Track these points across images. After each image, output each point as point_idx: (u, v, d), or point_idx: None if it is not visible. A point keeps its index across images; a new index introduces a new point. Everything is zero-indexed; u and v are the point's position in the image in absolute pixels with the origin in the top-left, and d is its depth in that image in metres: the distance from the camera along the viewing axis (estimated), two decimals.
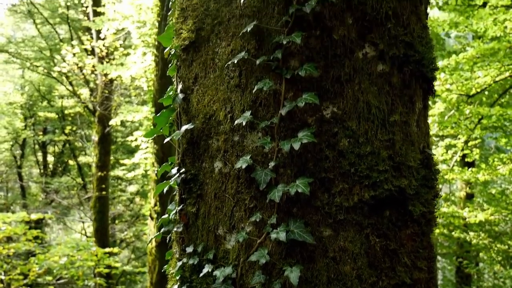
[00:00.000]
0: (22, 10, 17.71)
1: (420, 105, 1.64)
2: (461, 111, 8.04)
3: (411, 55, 1.55)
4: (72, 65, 13.04)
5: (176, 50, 1.71)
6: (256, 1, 1.52)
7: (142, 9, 10.53)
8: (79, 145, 18.39)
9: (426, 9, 1.73)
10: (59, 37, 16.55)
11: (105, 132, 12.47)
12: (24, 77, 19.04)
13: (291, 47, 1.48)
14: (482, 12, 7.18)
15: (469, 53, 7.91)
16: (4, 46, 17.34)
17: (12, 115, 19.40)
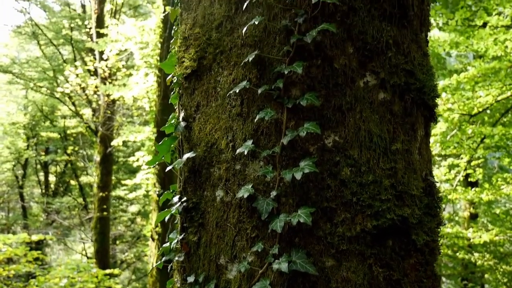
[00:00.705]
0: (26, 32, 17.93)
1: (422, 132, 1.63)
2: (463, 130, 8.04)
3: (412, 83, 1.56)
4: (75, 86, 13.14)
5: (178, 78, 1.72)
6: (258, 31, 1.54)
7: (145, 31, 10.65)
8: (80, 165, 18.39)
9: (426, 37, 1.74)
10: (62, 57, 16.71)
11: (107, 152, 12.48)
12: (27, 97, 19.17)
13: (292, 76, 1.49)
14: (482, 32, 7.23)
15: (470, 73, 7.95)
16: (8, 67, 17.51)
17: (15, 135, 19.48)
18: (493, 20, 6.97)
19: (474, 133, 7.95)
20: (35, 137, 19.49)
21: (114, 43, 10.77)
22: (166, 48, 9.42)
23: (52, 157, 18.47)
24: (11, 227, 19.58)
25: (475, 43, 7.39)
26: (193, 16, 1.70)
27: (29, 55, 19.66)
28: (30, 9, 29.88)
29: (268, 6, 1.53)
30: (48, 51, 17.70)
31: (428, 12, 1.71)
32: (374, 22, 1.53)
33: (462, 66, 11.02)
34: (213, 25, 1.63)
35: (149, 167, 10.68)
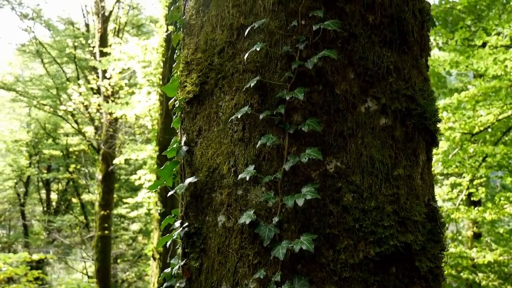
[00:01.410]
0: (30, 50, 18.11)
1: (424, 157, 1.63)
2: (465, 149, 8.03)
3: (413, 108, 1.56)
4: (78, 104, 13.21)
5: (180, 102, 1.73)
6: (259, 57, 1.55)
7: (148, 50, 10.75)
8: (82, 183, 18.38)
9: (426, 61, 1.75)
10: (66, 76, 16.85)
11: (109, 170, 12.48)
12: (30, 115, 19.27)
13: (294, 102, 1.49)
14: (482, 52, 7.28)
15: (470, 92, 7.97)
16: (12, 84, 17.64)
17: (17, 153, 19.54)
18: (492, 40, 7.02)
19: (476, 152, 7.94)
20: (37, 155, 19.53)
21: (117, 62, 10.86)
22: (168, 67, 9.49)
23: (54, 175, 18.47)
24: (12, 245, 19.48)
25: (475, 62, 7.43)
26: (195, 41, 1.72)
27: (33, 73, 19.83)
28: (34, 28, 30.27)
29: (269, 32, 1.55)
30: (52, 69, 17.85)
31: (428, 38, 1.73)
32: (374, 48, 1.54)
33: (462, 85, 11.07)
34: (215, 51, 1.64)
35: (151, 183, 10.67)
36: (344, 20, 1.52)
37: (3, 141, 19.81)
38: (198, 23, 1.72)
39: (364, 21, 1.54)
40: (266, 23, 1.53)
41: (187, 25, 1.77)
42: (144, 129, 13.37)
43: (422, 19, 1.67)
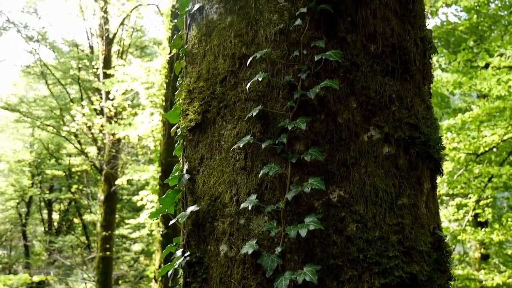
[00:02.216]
0: (35, 72, 18.28)
1: (428, 185, 1.62)
2: (470, 170, 7.99)
3: (416, 137, 1.55)
4: (81, 125, 13.27)
5: (182, 130, 1.73)
6: (261, 86, 1.55)
7: (151, 71, 10.83)
8: (84, 203, 18.33)
9: (429, 89, 1.75)
10: (69, 97, 16.96)
11: (111, 191, 12.45)
12: (34, 135, 19.35)
13: (296, 131, 1.49)
14: (485, 73, 7.30)
15: (474, 112, 7.97)
16: (16, 105, 17.76)
17: (20, 173, 19.56)
18: (495, 61, 7.05)
19: (482, 172, 7.89)
20: (40, 175, 19.55)
21: (120, 84, 10.94)
22: (171, 89, 9.54)
23: (56, 195, 18.44)
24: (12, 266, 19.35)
25: (478, 83, 7.45)
26: (198, 70, 1.73)
27: (37, 94, 19.99)
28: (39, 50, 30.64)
29: (271, 61, 1.55)
30: (56, 90, 17.99)
31: (430, 65, 1.73)
32: (376, 77, 1.54)
33: (466, 105, 11.07)
34: (217, 80, 1.65)
35: (153, 206, 10.63)
36: (346, 49, 1.53)
37: (6, 161, 19.86)
38: (200, 52, 1.73)
39: (365, 51, 1.55)
40: (268, 53, 1.54)
41: (190, 53, 1.78)
42: (147, 150, 13.39)
43: (423, 47, 1.67)
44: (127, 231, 15.93)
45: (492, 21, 9.48)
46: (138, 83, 10.94)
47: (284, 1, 1.59)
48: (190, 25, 1.84)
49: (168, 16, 10.20)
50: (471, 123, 7.93)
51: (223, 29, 1.67)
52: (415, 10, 1.67)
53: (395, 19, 1.61)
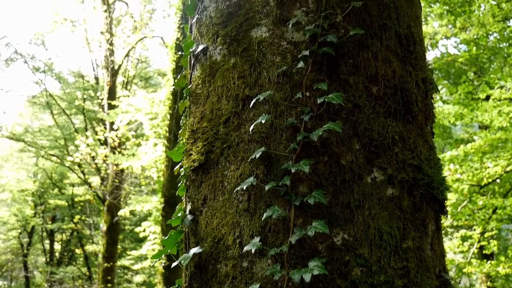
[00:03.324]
0: (41, 102, 18.49)
1: (433, 227, 1.60)
2: (474, 202, 7.93)
3: (420, 178, 1.55)
4: (85, 155, 13.32)
5: (185, 170, 1.73)
6: (264, 127, 1.56)
7: (155, 102, 10.94)
8: (86, 233, 18.21)
9: (431, 129, 1.76)
10: (74, 127, 17.10)
11: (114, 222, 12.39)
12: (37, 165, 19.41)
13: (299, 173, 1.49)
14: (486, 104, 7.35)
15: (477, 144, 7.97)
16: (21, 135, 17.90)
17: (23, 202, 19.52)
18: (496, 93, 7.10)
19: (486, 204, 7.83)
20: (42, 205, 19.50)
21: (124, 114, 11.03)
22: (175, 120, 9.62)
23: (58, 225, 18.35)
24: None
25: (479, 114, 7.48)
26: (201, 110, 1.74)
27: (42, 124, 20.17)
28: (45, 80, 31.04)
29: (274, 103, 1.57)
30: (61, 120, 18.15)
31: (432, 105, 1.74)
32: (379, 118, 1.55)
33: (468, 136, 11.09)
34: (221, 120, 1.66)
35: (155, 238, 10.54)
36: (348, 91, 1.54)
37: (9, 191, 19.86)
38: (204, 92, 1.75)
39: (368, 92, 1.56)
40: (271, 95, 1.56)
41: (193, 93, 1.80)
42: (150, 180, 13.38)
43: (425, 88, 1.69)
44: (129, 262, 15.76)
45: (491, 53, 9.60)
46: (142, 114, 11.04)
47: (287, 44, 1.61)
48: (194, 66, 1.86)
49: (173, 48, 10.37)
50: (474, 154, 7.93)
51: (226, 70, 1.69)
52: (416, 51, 1.70)
53: (396, 61, 1.63)
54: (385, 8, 1.66)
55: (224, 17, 1.74)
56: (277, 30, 1.63)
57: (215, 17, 1.77)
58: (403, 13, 1.70)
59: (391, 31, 1.65)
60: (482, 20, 8.08)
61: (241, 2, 1.70)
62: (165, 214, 9.60)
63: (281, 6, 1.64)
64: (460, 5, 7.94)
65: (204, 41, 1.81)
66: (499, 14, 8.01)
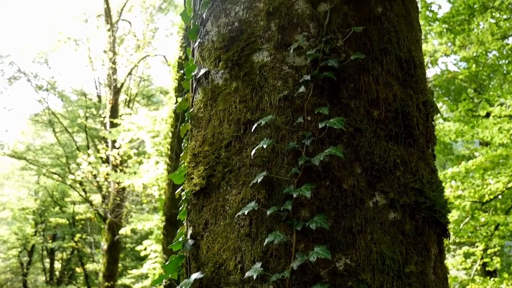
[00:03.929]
0: (43, 120, 18.56)
1: (436, 250, 1.59)
2: (476, 218, 7.90)
3: (422, 202, 1.55)
4: (87, 173, 13.31)
5: (187, 194, 1.73)
6: (266, 152, 1.56)
7: (157, 120, 10.98)
8: (87, 252, 18.09)
9: (433, 151, 1.76)
10: (76, 144, 17.12)
11: (115, 240, 12.32)
12: (39, 183, 19.38)
13: (301, 197, 1.49)
14: (486, 122, 7.36)
15: (478, 160, 7.96)
16: (23, 153, 17.92)
17: (24, 221, 19.44)
18: (496, 110, 7.12)
19: (488, 221, 7.79)
20: (43, 223, 19.42)
21: (126, 132, 11.06)
22: (177, 138, 9.64)
23: (59, 244, 18.24)
24: None
25: (480, 131, 7.49)
26: (203, 134, 1.75)
27: (44, 141, 20.21)
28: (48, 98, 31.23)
29: (276, 127, 1.57)
30: (63, 138, 18.20)
31: (433, 128, 1.75)
32: (380, 142, 1.55)
33: (469, 152, 11.08)
34: (222, 144, 1.66)
35: (156, 256, 10.46)
36: (349, 115, 1.55)
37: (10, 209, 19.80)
38: (206, 116, 1.76)
39: (369, 116, 1.57)
40: (272, 120, 1.56)
41: (195, 117, 1.81)
42: (151, 198, 13.35)
43: (426, 111, 1.69)
44: (130, 281, 15.61)
45: (491, 70, 9.66)
46: (144, 132, 11.08)
47: (288, 68, 1.63)
48: (196, 89, 1.88)
49: (175, 66, 10.45)
50: (475, 171, 7.91)
51: (228, 94, 1.70)
52: (416, 75, 1.71)
53: (397, 85, 1.65)
54: (386, 32, 1.68)
55: (226, 42, 1.75)
56: (278, 54, 1.64)
57: (217, 41, 1.79)
58: (404, 37, 1.72)
59: (392, 55, 1.66)
60: (481, 38, 8.15)
61: (242, 27, 1.72)
62: (166, 232, 9.56)
63: (283, 31, 1.66)
64: (459, 24, 8.02)
65: (206, 65, 1.82)
66: (498, 32, 8.08)
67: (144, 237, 14.20)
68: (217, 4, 1.83)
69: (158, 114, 10.86)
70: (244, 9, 1.74)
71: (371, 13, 1.68)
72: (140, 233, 16.07)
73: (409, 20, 1.78)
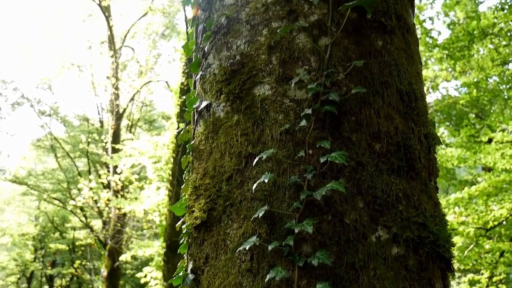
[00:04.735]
0: (45, 145, 18.61)
1: (440, 285, 1.56)
2: (481, 245, 7.80)
3: (425, 236, 1.53)
4: (88, 199, 13.27)
5: (188, 228, 1.71)
6: (267, 185, 1.55)
7: (159, 146, 11.00)
8: (87, 278, 17.86)
9: (435, 184, 1.75)
10: (77, 170, 17.11)
11: (115, 267, 12.18)
12: (39, 208, 19.31)
13: (303, 232, 1.47)
14: (488, 147, 7.36)
15: (481, 186, 7.92)
16: (24, 178, 17.90)
17: (23, 247, 19.29)
18: (498, 136, 7.12)
19: (492, 248, 7.70)
20: (43, 249, 19.26)
21: (128, 158, 11.07)
22: (178, 163, 9.63)
23: (58, 270, 18.04)
24: None
25: (482, 157, 7.48)
26: (204, 166, 1.74)
27: (46, 167, 20.21)
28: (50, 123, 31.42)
29: (277, 161, 1.57)
30: (64, 163, 18.21)
31: (436, 161, 1.74)
32: (382, 176, 1.54)
33: (472, 177, 11.03)
34: (224, 177, 1.66)
35: (157, 284, 10.32)
36: (351, 149, 1.55)
37: (10, 235, 19.67)
38: (207, 148, 1.76)
39: (371, 150, 1.56)
40: (273, 153, 1.56)
41: (196, 149, 1.81)
42: (152, 224, 13.26)
43: (428, 144, 1.69)
44: None
45: (491, 95, 9.70)
46: (146, 157, 11.08)
47: (290, 102, 1.63)
48: (198, 121, 1.88)
49: (177, 92, 10.53)
50: (478, 197, 7.86)
51: (229, 127, 1.70)
52: (417, 107, 1.71)
53: (398, 118, 1.65)
54: (386, 65, 1.69)
55: (227, 75, 1.77)
56: (279, 88, 1.65)
57: (219, 74, 1.80)
58: (404, 70, 1.73)
59: (393, 88, 1.67)
60: (481, 64, 8.22)
61: (244, 61, 1.74)
62: (167, 259, 9.45)
63: (284, 65, 1.67)
64: (459, 50, 8.10)
65: (208, 98, 1.83)
66: (498, 58, 8.16)
67: (145, 263, 14.05)
68: (218, 38, 1.85)
69: (160, 140, 10.89)
70: (245, 42, 1.76)
71: (371, 47, 1.69)
72: (140, 259, 15.90)
73: (409, 53, 1.80)
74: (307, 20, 1.69)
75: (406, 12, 1.86)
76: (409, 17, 1.88)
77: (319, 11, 1.69)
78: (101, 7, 14.52)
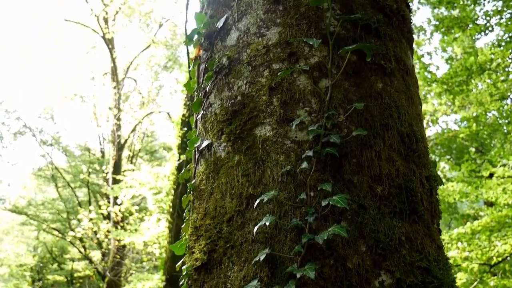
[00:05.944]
0: (46, 175, 18.58)
1: None
2: (485, 282, 7.66)
3: (429, 281, 1.50)
4: (87, 229, 13.15)
5: (188, 269, 1.69)
6: (269, 228, 1.54)
7: (159, 177, 10.97)
8: None
9: (438, 226, 1.73)
10: (78, 200, 17.03)
11: None
12: (38, 239, 19.12)
13: (305, 277, 1.45)
14: (490, 182, 7.33)
15: (483, 221, 7.85)
16: (23, 208, 17.79)
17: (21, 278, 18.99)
18: (499, 171, 7.11)
19: (497, 285, 7.56)
20: (40, 280, 18.96)
21: (128, 189, 11.03)
22: (179, 195, 9.59)
23: None
24: None
25: (484, 192, 7.44)
26: (205, 206, 1.73)
27: (46, 196, 20.12)
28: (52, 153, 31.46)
29: (278, 203, 1.56)
30: (65, 193, 18.14)
31: (438, 203, 1.73)
32: (385, 219, 1.53)
33: (474, 212, 10.95)
34: (224, 218, 1.64)
35: None
36: (353, 191, 1.54)
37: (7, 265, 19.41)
38: (208, 188, 1.75)
39: (372, 192, 1.56)
40: (275, 195, 1.55)
41: (197, 189, 1.80)
42: (152, 256, 13.09)
43: (430, 186, 1.68)
44: None
45: (491, 129, 9.74)
46: (146, 189, 11.04)
47: (291, 143, 1.64)
48: (199, 160, 1.88)
49: (179, 124, 10.59)
50: (481, 232, 7.78)
51: (230, 167, 1.70)
52: (418, 149, 1.71)
53: (399, 160, 1.65)
54: (387, 107, 1.70)
55: (228, 115, 1.78)
56: (280, 129, 1.66)
57: (220, 114, 1.81)
58: (404, 111, 1.74)
59: (393, 130, 1.68)
60: (480, 98, 8.28)
61: (245, 101, 1.75)
62: None
63: (285, 106, 1.68)
64: (458, 85, 8.17)
65: (209, 137, 1.84)
66: (496, 93, 8.23)
67: None
68: (220, 78, 1.87)
69: (161, 171, 10.88)
70: (246, 83, 1.77)
71: (371, 89, 1.71)
72: None
73: (409, 95, 1.81)
74: (307, 62, 1.71)
75: (405, 55, 1.89)
76: (408, 59, 1.91)
77: (320, 54, 1.72)
78: (105, 39, 14.78)
